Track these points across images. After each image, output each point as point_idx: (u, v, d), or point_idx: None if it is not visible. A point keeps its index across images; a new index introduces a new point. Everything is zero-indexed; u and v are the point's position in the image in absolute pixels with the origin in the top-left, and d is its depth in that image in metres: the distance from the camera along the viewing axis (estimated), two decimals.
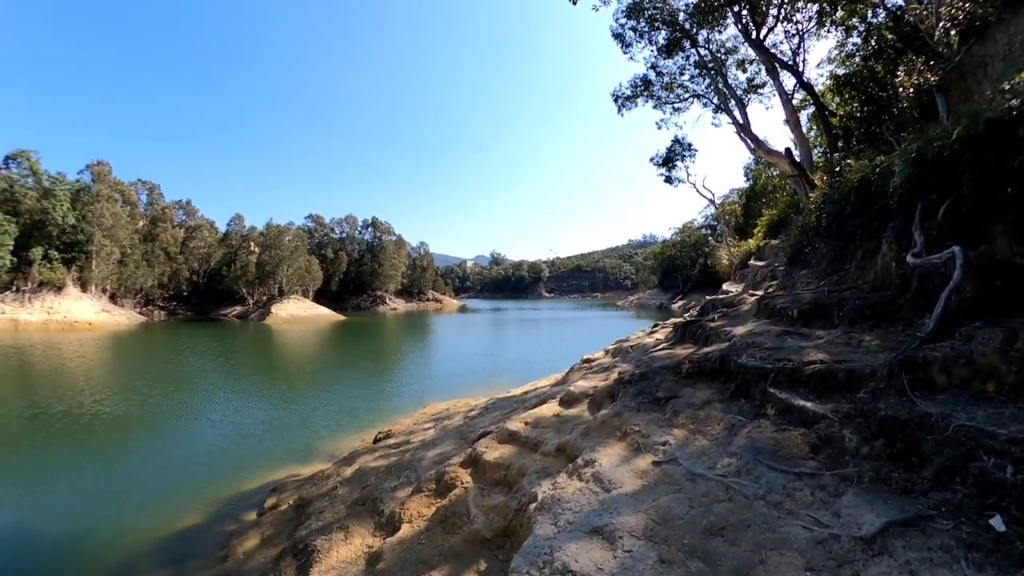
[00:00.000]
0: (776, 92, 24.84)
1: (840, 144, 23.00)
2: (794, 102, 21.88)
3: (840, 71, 20.22)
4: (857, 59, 19.02)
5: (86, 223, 71.62)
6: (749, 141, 22.23)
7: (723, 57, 24.36)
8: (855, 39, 19.94)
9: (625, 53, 24.39)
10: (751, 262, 18.27)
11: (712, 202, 24.56)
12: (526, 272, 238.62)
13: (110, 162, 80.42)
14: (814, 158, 21.01)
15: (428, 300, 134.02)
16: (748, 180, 42.59)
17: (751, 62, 24.81)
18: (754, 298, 12.36)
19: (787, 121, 29.22)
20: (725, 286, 18.65)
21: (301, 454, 15.20)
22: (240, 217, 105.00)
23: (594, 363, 15.66)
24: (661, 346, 11.88)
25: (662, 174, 25.03)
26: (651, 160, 25.30)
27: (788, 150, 19.21)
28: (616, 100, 25.96)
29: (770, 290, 12.84)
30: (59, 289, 68.26)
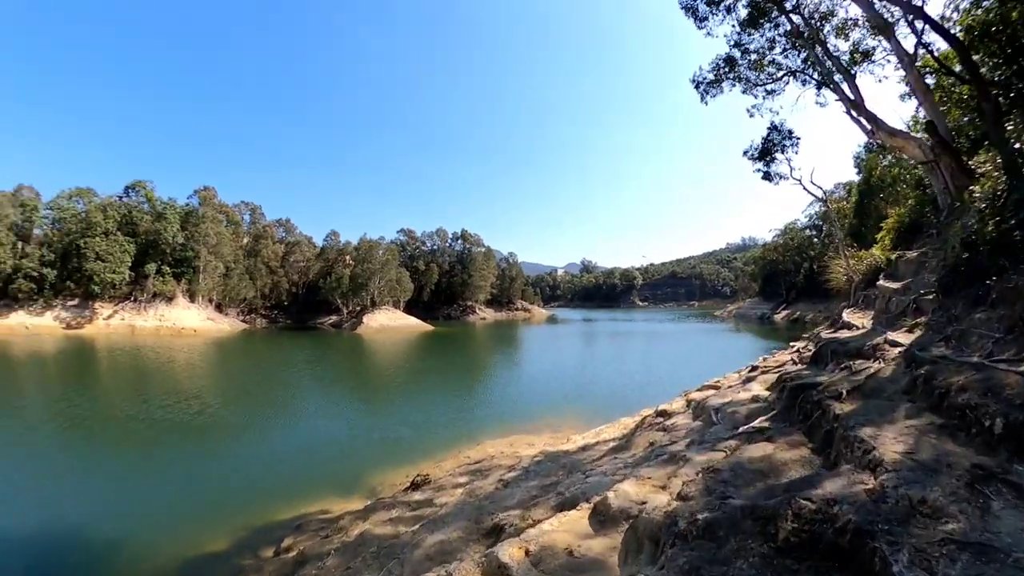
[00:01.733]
0: (892, 55, 19.97)
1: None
2: (918, 64, 16.97)
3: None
4: None
5: (193, 241, 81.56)
6: (864, 121, 17.53)
7: (818, 24, 19.79)
8: None
9: (700, 28, 20.41)
10: (880, 282, 13.82)
11: (823, 200, 19.93)
12: (618, 280, 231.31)
13: (216, 187, 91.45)
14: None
15: (517, 310, 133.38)
16: (859, 172, 36.12)
17: (854, 24, 20.05)
18: (897, 351, 8.31)
19: (907, 94, 23.92)
20: (846, 315, 14.24)
21: (344, 484, 14.51)
22: (336, 233, 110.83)
23: (668, 418, 12.08)
24: (755, 425, 8.08)
25: (759, 170, 20.72)
26: (745, 153, 21.06)
27: (931, 124, 14.48)
28: (698, 87, 22.01)
29: (921, 338, 8.74)
30: (170, 299, 78.56)
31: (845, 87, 18.19)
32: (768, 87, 21.39)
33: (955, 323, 8.36)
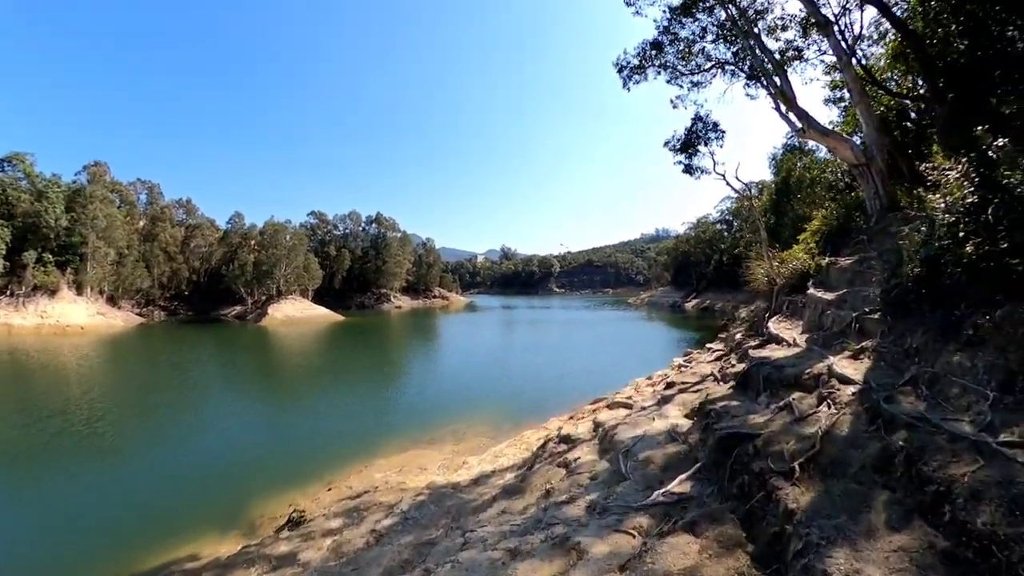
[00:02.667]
0: (824, 56, 18.92)
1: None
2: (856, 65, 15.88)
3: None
4: None
5: (80, 225, 69.13)
6: (794, 118, 16.17)
7: (754, 17, 18.37)
8: None
9: (629, 6, 18.44)
10: (810, 290, 12.35)
11: (748, 196, 18.58)
12: (536, 267, 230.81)
13: (108, 162, 79.31)
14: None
15: (434, 297, 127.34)
16: (776, 172, 35.78)
17: (791, 20, 18.81)
18: (851, 391, 6.59)
19: (830, 100, 23.25)
20: (772, 326, 12.76)
21: (224, 515, 11.97)
22: (240, 215, 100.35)
23: (572, 446, 10.13)
24: (674, 490, 6.12)
25: (680, 162, 19.07)
26: (666, 144, 19.36)
27: (883, 121, 13.12)
28: (621, 71, 20.13)
29: (873, 371, 7.11)
30: (53, 293, 65.59)
31: (777, 81, 16.75)
32: (695, 78, 19.88)
33: (919, 361, 6.70)
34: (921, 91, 16.23)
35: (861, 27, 16.67)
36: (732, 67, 19.18)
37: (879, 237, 13.63)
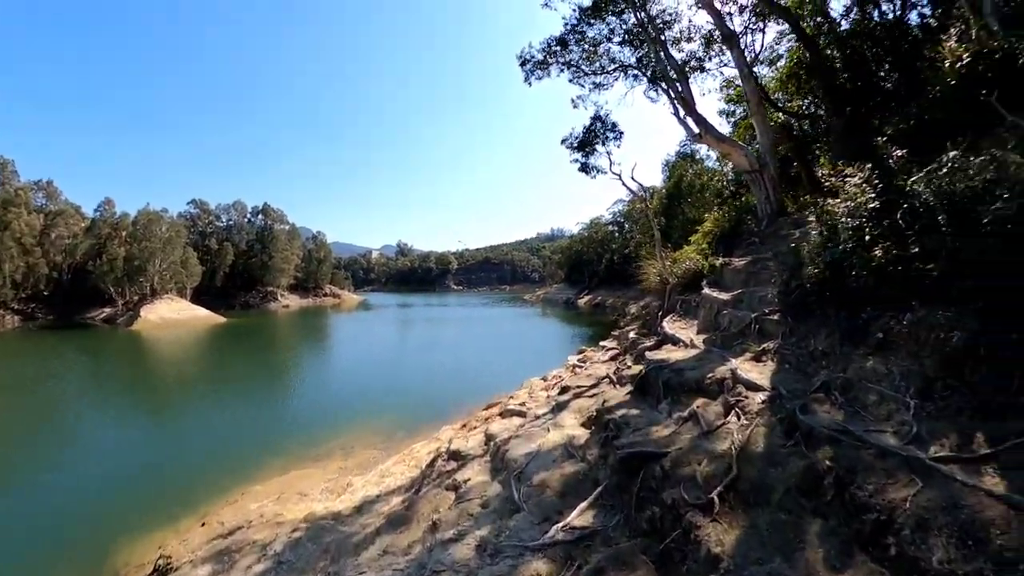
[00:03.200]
0: (723, 68, 19.33)
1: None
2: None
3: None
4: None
5: None
6: (693, 123, 16.17)
7: (661, 26, 18.34)
8: None
9: None
10: (705, 290, 12.15)
11: (644, 197, 18.48)
12: (434, 264, 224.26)
13: None
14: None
15: (325, 295, 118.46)
16: (669, 177, 36.99)
17: (695, 34, 19.01)
18: (759, 398, 6.08)
19: (725, 112, 23.97)
20: (667, 326, 12.46)
21: (86, 559, 9.84)
22: (110, 201, 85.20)
23: (463, 464, 9.19)
24: (576, 524, 5.28)
25: (577, 160, 18.65)
26: (564, 142, 18.86)
27: (783, 127, 13.24)
28: (524, 64, 19.37)
29: (779, 375, 6.70)
30: None
31: (679, 87, 16.69)
32: (598, 79, 19.54)
33: (827, 365, 6.35)
34: (807, 109, 17.16)
35: (762, 45, 17.87)
36: (635, 71, 19.02)
37: (770, 239, 13.81)
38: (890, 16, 14.49)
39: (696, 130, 16.16)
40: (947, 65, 9.31)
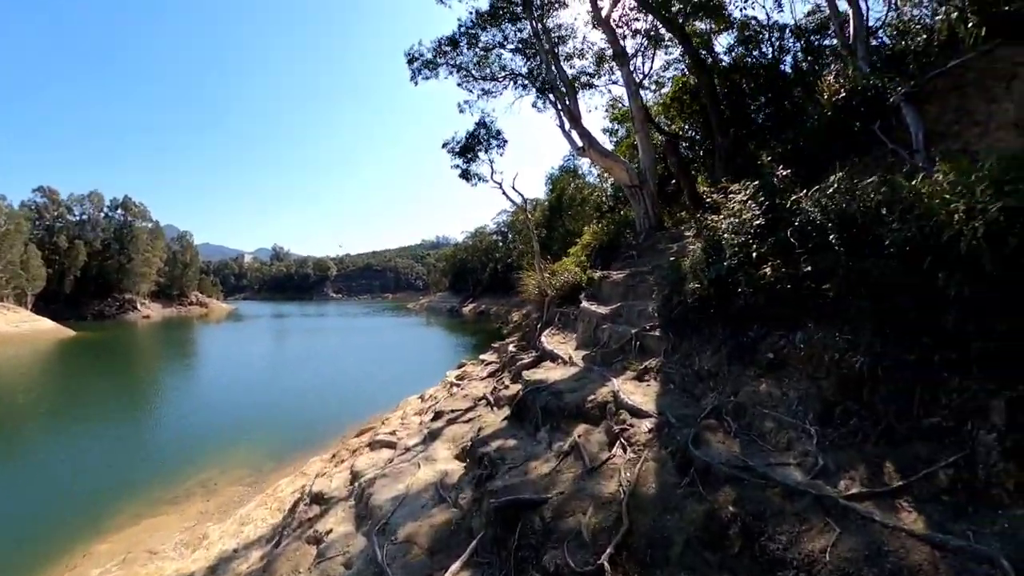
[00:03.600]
0: (610, 87, 19.56)
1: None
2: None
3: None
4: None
5: None
6: (577, 137, 15.93)
7: (555, 39, 18.11)
8: None
9: None
10: (583, 304, 11.72)
11: (524, 207, 17.90)
12: (312, 269, 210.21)
13: None
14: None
15: (191, 304, 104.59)
16: (551, 190, 37.31)
17: (588, 50, 19.09)
18: (646, 426, 5.49)
19: (609, 130, 24.38)
20: (545, 340, 11.81)
21: None
22: None
23: (325, 510, 7.95)
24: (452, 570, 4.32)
25: (458, 166, 17.75)
26: (445, 146, 17.89)
27: (673, 140, 13.19)
28: (411, 62, 18.36)
29: (664, 398, 6.20)
30: None
31: (567, 101, 16.42)
32: (487, 85, 18.92)
33: (715, 387, 5.88)
34: (687, 132, 17.91)
35: (651, 68, 18.66)
36: (526, 80, 18.56)
37: (648, 253, 13.77)
38: (769, 55, 15.95)
39: (580, 143, 15.94)
40: (826, 98, 9.83)
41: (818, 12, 15.55)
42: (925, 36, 9.88)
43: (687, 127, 18.15)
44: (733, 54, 16.81)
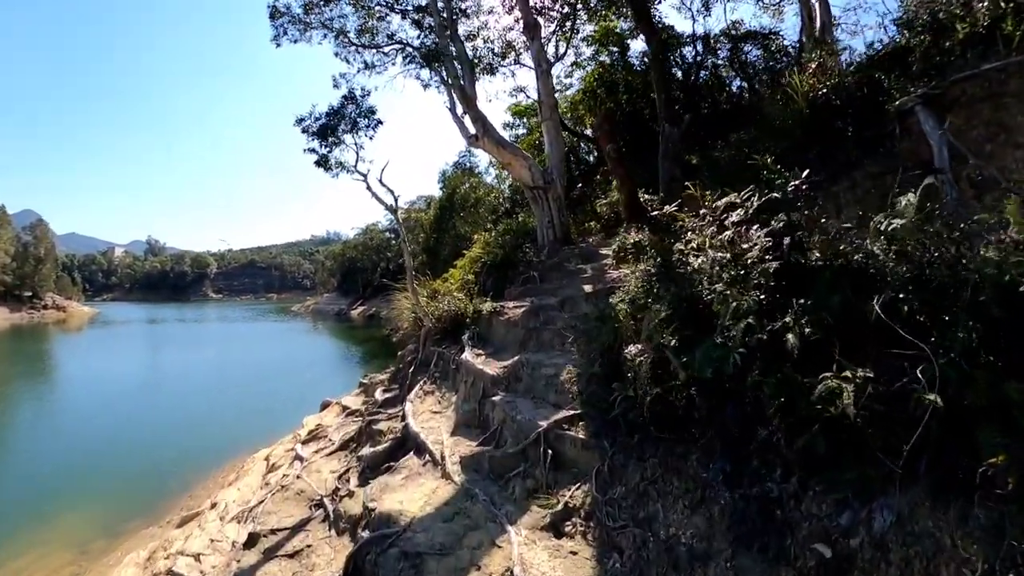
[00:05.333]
0: (527, 67, 16.51)
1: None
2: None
3: None
4: None
5: None
6: (470, 123, 12.23)
7: (457, 12, 14.56)
8: None
9: None
10: (466, 353, 8.19)
11: (390, 206, 13.56)
12: (189, 266, 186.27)
13: None
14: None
15: (46, 308, 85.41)
16: (443, 188, 33.28)
17: (493, 25, 15.87)
18: None
19: (510, 125, 21.16)
20: (411, 414, 7.96)
21: None
22: None
23: None
24: None
25: (314, 150, 13.50)
26: (300, 123, 13.59)
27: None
28: (275, 17, 14.45)
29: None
30: None
31: (463, 80, 12.75)
32: (369, 56, 15.08)
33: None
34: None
35: (566, 49, 16.63)
36: (415, 52, 14.82)
37: (553, 275, 10.55)
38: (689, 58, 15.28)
39: (473, 131, 12.29)
40: (800, 95, 7.70)
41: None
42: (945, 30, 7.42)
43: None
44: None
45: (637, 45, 16.43)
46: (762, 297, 3.44)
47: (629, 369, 4.45)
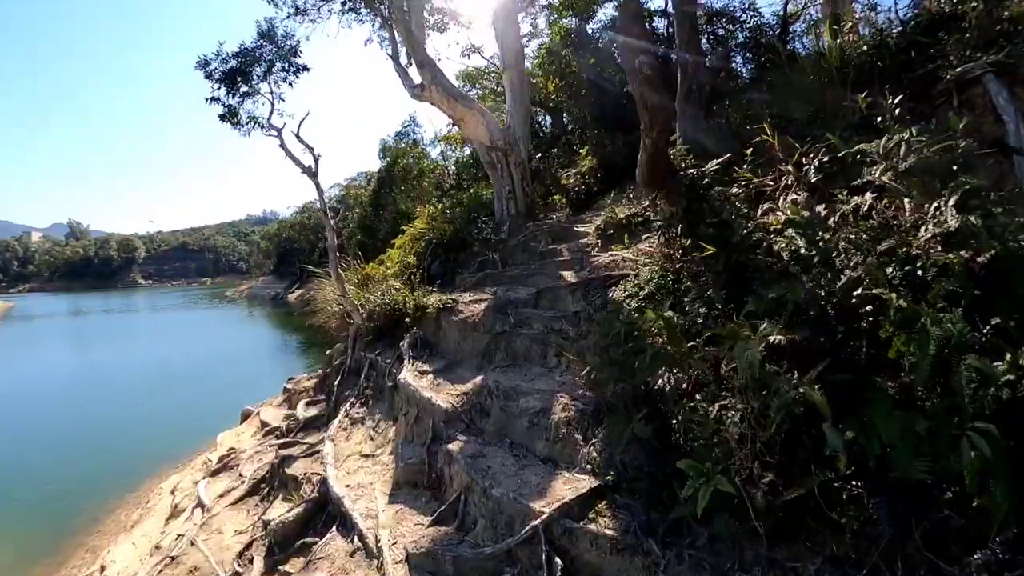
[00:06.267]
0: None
1: None
2: None
3: None
4: None
5: None
6: (417, 71, 9.66)
7: None
8: None
9: None
10: (405, 372, 5.99)
11: (308, 167, 10.51)
12: (116, 250, 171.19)
13: None
14: None
15: None
16: (384, 158, 30.14)
17: None
18: None
19: (464, 75, 18.47)
20: (332, 446, 5.64)
21: None
22: None
23: None
24: None
25: (217, 99, 10.55)
26: (204, 67, 10.59)
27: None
28: None
29: None
30: None
31: (408, 17, 10.05)
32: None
33: None
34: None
35: None
36: None
37: (518, 258, 8.41)
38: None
39: (419, 79, 9.73)
40: (833, 54, 6.12)
41: None
42: None
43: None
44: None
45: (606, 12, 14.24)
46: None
47: (703, 432, 2.42)
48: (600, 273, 5.96)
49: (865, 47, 6.11)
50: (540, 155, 14.33)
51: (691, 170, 4.92)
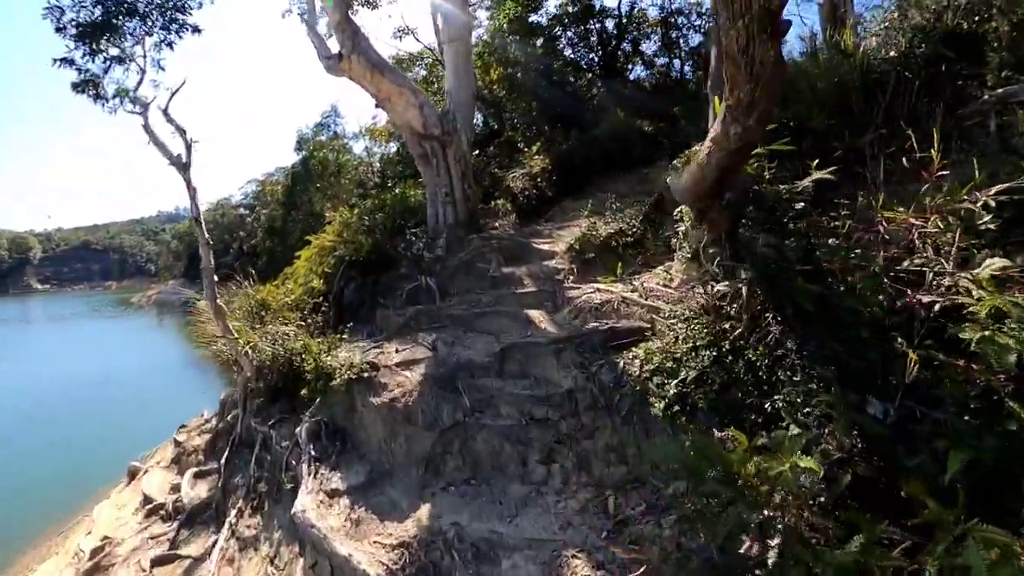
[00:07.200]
0: None
1: None
2: None
3: None
4: None
5: None
6: (337, 38, 7.25)
7: None
8: None
9: None
10: (301, 499, 3.77)
11: (176, 157, 7.79)
12: (6, 250, 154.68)
13: None
14: None
15: None
16: (300, 151, 26.79)
17: None
18: None
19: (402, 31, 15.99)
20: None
21: None
22: None
23: None
24: None
25: (69, 61, 7.73)
26: (52, 13, 7.69)
27: None
28: None
29: None
30: None
31: None
32: None
33: None
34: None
35: None
36: None
37: (459, 283, 6.35)
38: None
39: (340, 50, 7.32)
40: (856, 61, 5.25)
41: None
42: None
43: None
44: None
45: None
46: None
47: None
48: (590, 319, 4.05)
49: (892, 52, 5.29)
50: (476, 153, 12.35)
51: (773, 185, 3.08)
